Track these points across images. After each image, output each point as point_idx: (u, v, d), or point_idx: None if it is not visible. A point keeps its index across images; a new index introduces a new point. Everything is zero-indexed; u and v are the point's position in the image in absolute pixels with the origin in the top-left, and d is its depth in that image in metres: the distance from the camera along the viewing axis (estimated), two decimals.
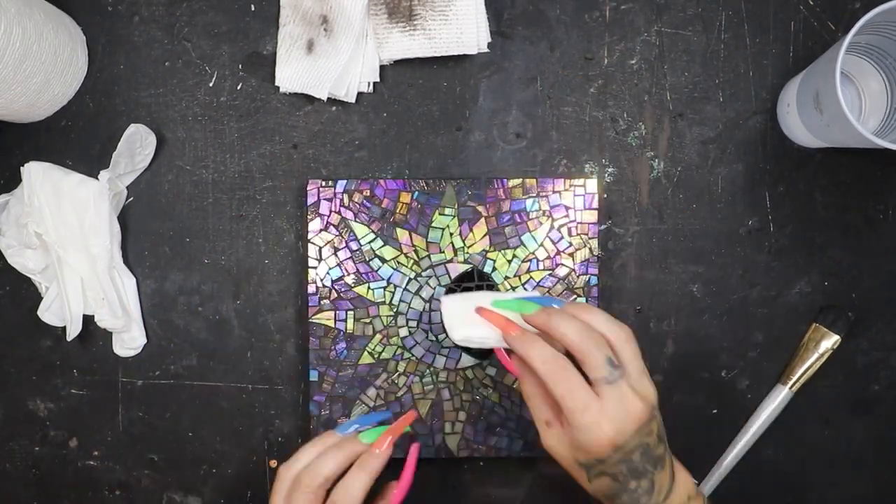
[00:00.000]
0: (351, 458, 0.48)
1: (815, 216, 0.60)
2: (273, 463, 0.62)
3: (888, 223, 0.60)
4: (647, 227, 0.61)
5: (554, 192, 0.59)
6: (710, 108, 0.60)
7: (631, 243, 0.61)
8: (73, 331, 0.59)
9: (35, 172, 0.58)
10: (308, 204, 0.59)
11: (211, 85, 0.61)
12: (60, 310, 0.60)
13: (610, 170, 0.60)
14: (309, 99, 0.60)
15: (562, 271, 0.59)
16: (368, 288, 0.59)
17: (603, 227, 0.60)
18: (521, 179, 0.59)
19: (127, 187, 0.61)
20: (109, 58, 0.61)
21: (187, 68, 0.61)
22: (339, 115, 0.61)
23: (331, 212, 0.59)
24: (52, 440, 0.62)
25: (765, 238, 0.60)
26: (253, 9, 0.61)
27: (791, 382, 0.59)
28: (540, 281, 0.59)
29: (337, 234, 0.59)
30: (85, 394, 0.62)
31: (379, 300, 0.59)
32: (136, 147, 0.59)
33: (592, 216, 0.59)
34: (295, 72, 0.59)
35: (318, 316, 0.59)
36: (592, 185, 0.59)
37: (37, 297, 0.61)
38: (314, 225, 0.59)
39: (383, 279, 0.59)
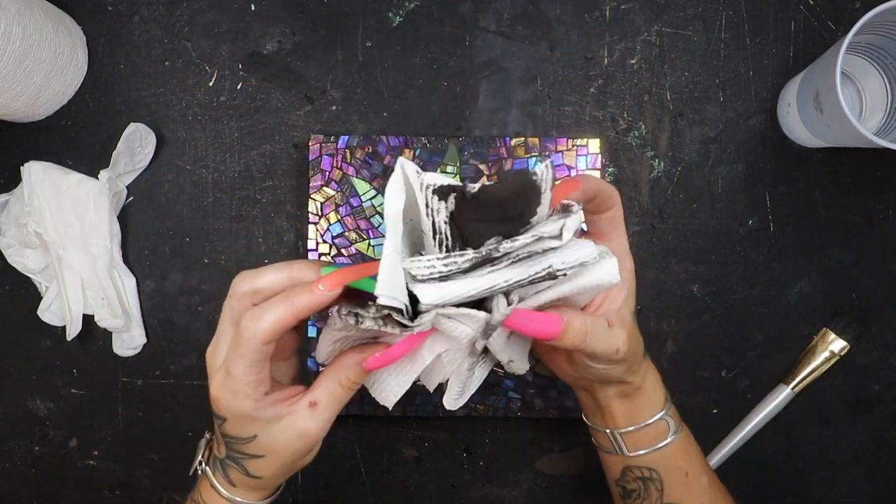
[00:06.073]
0: (295, 281, 0.40)
1: (815, 216, 0.60)
2: None
3: (888, 223, 0.60)
4: (647, 227, 0.61)
5: (556, 151, 0.58)
6: (710, 108, 0.60)
7: (631, 243, 0.60)
8: (73, 331, 0.59)
9: (35, 172, 0.58)
10: (310, 160, 0.58)
11: (211, 85, 0.61)
12: (60, 310, 0.60)
13: (610, 170, 0.60)
14: (309, 99, 0.60)
15: None
16: (369, 245, 0.58)
17: None
18: (523, 138, 0.58)
19: (127, 187, 0.61)
20: (109, 57, 0.61)
21: (187, 68, 0.61)
22: (340, 115, 0.61)
23: (332, 167, 0.58)
24: (52, 440, 0.62)
25: (765, 238, 0.60)
26: (253, 9, 0.61)
27: (794, 383, 0.59)
28: None
29: (338, 189, 0.58)
30: (85, 394, 0.62)
31: (379, 257, 0.58)
32: (136, 146, 0.59)
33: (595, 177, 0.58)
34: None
35: None
36: (595, 145, 0.58)
37: (37, 297, 0.61)
38: (315, 181, 0.58)
39: (384, 236, 0.58)
